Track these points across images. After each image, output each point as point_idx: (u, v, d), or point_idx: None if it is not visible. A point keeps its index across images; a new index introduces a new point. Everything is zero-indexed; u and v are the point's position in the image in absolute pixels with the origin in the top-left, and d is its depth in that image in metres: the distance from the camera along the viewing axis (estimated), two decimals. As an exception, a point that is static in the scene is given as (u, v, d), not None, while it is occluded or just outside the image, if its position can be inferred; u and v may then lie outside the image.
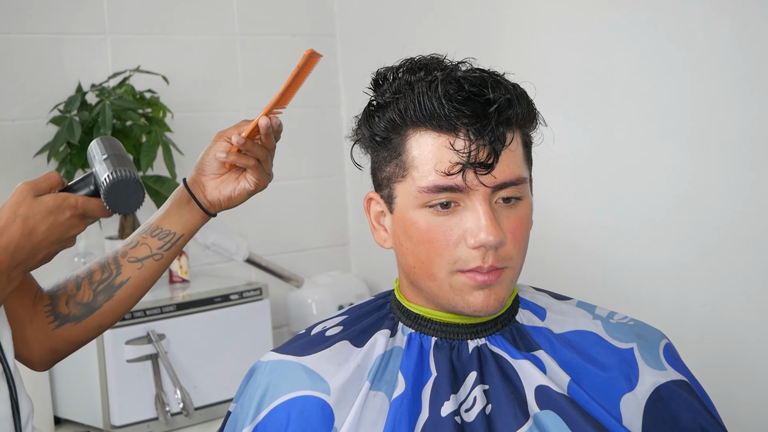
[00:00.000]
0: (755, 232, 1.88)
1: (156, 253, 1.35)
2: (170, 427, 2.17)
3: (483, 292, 1.14)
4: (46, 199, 1.17)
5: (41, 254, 1.17)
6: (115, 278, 1.34)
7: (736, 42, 1.87)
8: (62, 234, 1.17)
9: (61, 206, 1.17)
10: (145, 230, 1.36)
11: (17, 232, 1.15)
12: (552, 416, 1.14)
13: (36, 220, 1.15)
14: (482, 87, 1.12)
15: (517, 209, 1.15)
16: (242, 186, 1.35)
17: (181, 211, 1.36)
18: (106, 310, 1.34)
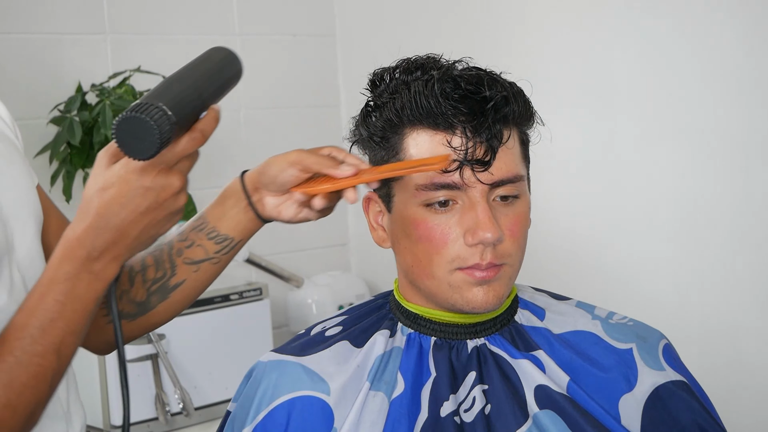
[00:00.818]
0: (756, 233, 1.88)
1: (213, 257, 1.23)
2: (170, 427, 2.17)
3: (482, 289, 1.14)
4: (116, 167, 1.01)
5: (134, 233, 1.01)
6: (169, 279, 1.24)
7: (737, 42, 1.87)
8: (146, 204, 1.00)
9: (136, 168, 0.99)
10: (201, 229, 1.23)
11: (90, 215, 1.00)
12: (551, 416, 1.14)
13: (110, 193, 1.00)
14: (479, 85, 1.13)
15: (514, 207, 1.16)
16: (304, 215, 1.22)
17: (239, 215, 1.22)
18: (160, 311, 1.25)
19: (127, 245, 1.01)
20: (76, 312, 1.00)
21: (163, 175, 1.00)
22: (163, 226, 1.03)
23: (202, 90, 1.04)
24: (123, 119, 0.95)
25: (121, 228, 1.00)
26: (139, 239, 1.02)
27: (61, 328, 1.00)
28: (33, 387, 0.99)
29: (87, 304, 1.01)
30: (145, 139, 0.95)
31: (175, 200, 1.02)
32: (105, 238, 0.99)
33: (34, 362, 0.98)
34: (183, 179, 1.02)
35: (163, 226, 1.03)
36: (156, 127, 0.94)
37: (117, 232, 1.00)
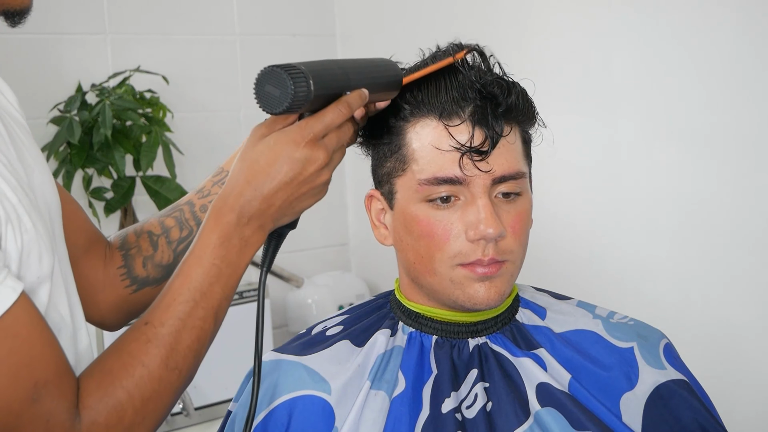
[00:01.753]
0: (756, 232, 1.88)
1: None
2: (170, 427, 2.17)
3: (484, 285, 1.14)
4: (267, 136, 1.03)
5: (278, 202, 1.03)
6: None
7: (737, 42, 1.87)
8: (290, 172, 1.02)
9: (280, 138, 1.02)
10: (224, 180, 1.24)
11: (237, 180, 1.03)
12: (553, 413, 1.14)
13: (260, 164, 1.02)
14: (482, 77, 1.14)
15: (516, 204, 1.16)
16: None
17: None
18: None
19: (272, 214, 1.03)
20: (230, 276, 1.03)
21: (310, 147, 1.02)
22: (305, 201, 1.05)
23: (351, 74, 1.07)
24: (265, 71, 0.99)
25: (268, 197, 1.02)
26: (282, 210, 1.04)
27: (219, 292, 1.03)
28: (195, 350, 1.02)
29: (238, 269, 1.04)
30: (278, 94, 0.98)
31: (318, 175, 1.03)
32: (253, 206, 1.02)
33: (197, 325, 1.02)
34: (328, 154, 1.03)
35: (305, 201, 1.05)
36: (291, 84, 0.98)
37: (264, 200, 1.02)
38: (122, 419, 0.97)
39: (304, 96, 0.99)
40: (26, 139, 1.11)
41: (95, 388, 0.97)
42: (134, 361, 0.99)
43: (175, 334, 1.01)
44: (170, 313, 1.01)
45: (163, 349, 1.00)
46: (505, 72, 1.18)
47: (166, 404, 1.02)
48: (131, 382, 0.98)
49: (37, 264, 0.99)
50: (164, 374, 1.00)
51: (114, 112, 2.18)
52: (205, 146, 2.57)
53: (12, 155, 1.03)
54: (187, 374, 1.03)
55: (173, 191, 2.26)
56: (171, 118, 2.38)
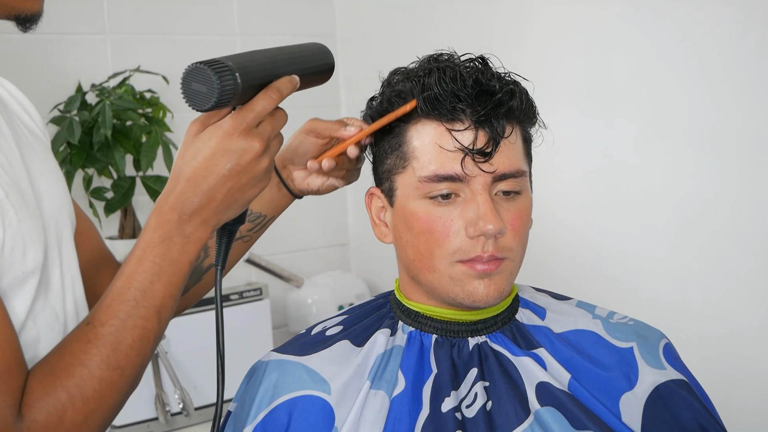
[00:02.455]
0: (756, 232, 1.88)
1: (245, 235, 1.30)
2: (170, 427, 2.17)
3: (483, 282, 1.15)
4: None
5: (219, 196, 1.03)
6: (203, 261, 1.29)
7: (737, 41, 1.87)
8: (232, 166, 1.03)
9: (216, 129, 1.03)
10: None
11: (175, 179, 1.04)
12: (553, 412, 1.14)
13: (198, 160, 1.03)
14: (484, 78, 1.14)
15: (516, 202, 1.16)
16: (330, 183, 1.30)
17: (271, 194, 1.29)
18: (194, 292, 1.30)
19: (214, 209, 1.04)
20: (173, 274, 1.03)
21: (244, 137, 1.02)
22: (247, 191, 1.05)
23: (279, 63, 1.07)
24: (190, 69, 0.99)
25: (208, 192, 1.03)
26: (225, 203, 1.04)
27: (161, 290, 1.03)
28: (138, 349, 1.02)
29: (182, 266, 1.04)
30: (205, 90, 0.98)
31: (257, 163, 1.04)
32: (194, 202, 1.03)
33: (139, 324, 1.02)
34: (264, 142, 1.04)
35: (247, 191, 1.05)
36: (216, 79, 0.98)
37: (205, 195, 1.03)
38: (62, 419, 0.97)
39: (230, 90, 0.99)
40: (39, 147, 1.14)
41: (37, 387, 0.98)
42: (75, 360, 0.99)
43: (116, 333, 1.01)
44: (111, 313, 1.02)
45: (103, 349, 1.00)
46: (507, 72, 1.18)
47: (110, 405, 1.01)
48: (72, 382, 0.98)
49: (21, 259, 1.01)
50: (105, 374, 1.00)
51: (114, 112, 2.18)
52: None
53: (14, 156, 1.06)
54: (131, 373, 1.02)
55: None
56: (171, 118, 2.38)
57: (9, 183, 1.02)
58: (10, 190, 1.01)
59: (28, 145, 1.13)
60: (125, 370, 1.01)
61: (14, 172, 1.04)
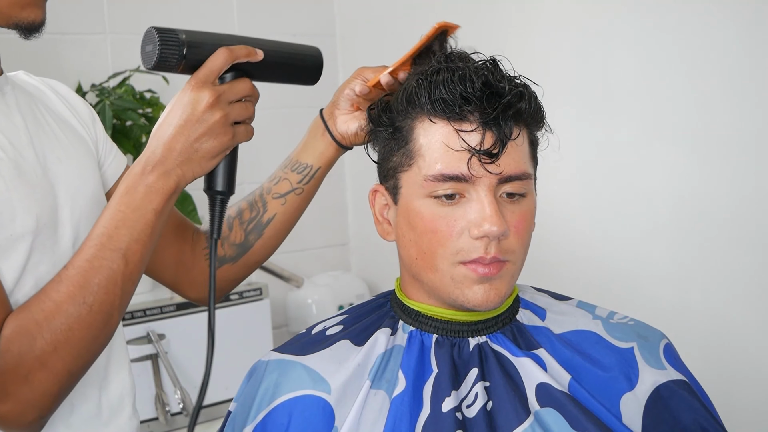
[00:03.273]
0: (756, 233, 1.88)
1: (297, 187, 1.39)
2: (170, 427, 2.17)
3: (483, 287, 1.14)
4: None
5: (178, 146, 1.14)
6: (262, 216, 1.40)
7: (737, 41, 1.87)
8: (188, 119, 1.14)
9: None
10: (286, 165, 1.40)
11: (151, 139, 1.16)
12: (553, 413, 1.14)
13: (161, 118, 1.16)
14: (494, 79, 1.14)
15: (521, 205, 1.16)
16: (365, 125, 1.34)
17: (317, 143, 1.38)
18: (258, 248, 1.41)
19: (174, 159, 1.14)
20: (137, 221, 1.13)
21: (195, 89, 1.13)
22: (205, 142, 1.14)
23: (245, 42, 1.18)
24: (145, 33, 1.12)
25: (167, 143, 1.13)
26: (184, 154, 1.14)
27: (126, 235, 1.12)
28: (105, 287, 1.11)
29: (145, 213, 1.13)
30: (151, 49, 1.12)
31: (210, 114, 1.13)
32: (156, 154, 1.13)
33: (105, 265, 1.12)
34: (214, 94, 1.13)
35: (205, 142, 1.14)
36: (159, 40, 1.11)
37: (164, 147, 1.13)
38: (32, 347, 1.08)
39: (174, 57, 1.12)
40: (65, 135, 1.27)
41: (12, 322, 1.09)
42: (45, 297, 1.10)
43: (83, 273, 1.11)
44: (79, 256, 1.12)
45: (71, 287, 1.10)
46: (518, 75, 1.18)
47: (80, 338, 1.10)
48: (41, 315, 1.09)
49: (9, 222, 1.11)
50: (72, 308, 1.10)
51: (114, 112, 2.18)
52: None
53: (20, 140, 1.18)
54: (100, 309, 1.11)
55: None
56: (171, 118, 2.38)
57: (2, 158, 1.13)
58: (2, 164, 1.12)
59: (50, 134, 1.24)
60: (93, 306, 1.11)
61: (15, 152, 1.15)
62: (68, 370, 1.11)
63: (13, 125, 1.19)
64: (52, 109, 1.31)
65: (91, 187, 1.28)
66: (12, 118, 1.20)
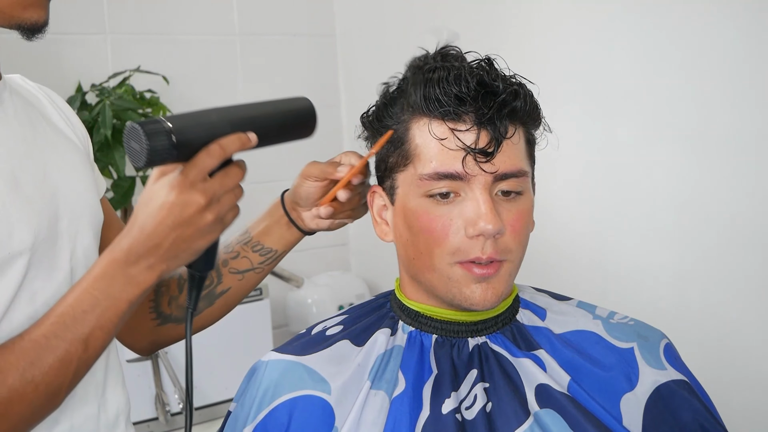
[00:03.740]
0: (756, 233, 1.88)
1: (257, 267, 1.38)
2: (170, 427, 2.17)
3: (481, 286, 1.14)
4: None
5: (165, 245, 1.07)
6: (216, 287, 1.37)
7: (737, 41, 1.87)
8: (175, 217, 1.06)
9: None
10: (247, 242, 1.36)
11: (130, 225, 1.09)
12: (552, 415, 1.14)
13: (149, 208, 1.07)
14: (489, 78, 1.14)
15: (517, 203, 1.16)
16: (339, 221, 1.34)
17: (281, 231, 1.35)
18: (205, 316, 1.38)
19: (161, 256, 1.07)
20: (108, 309, 1.07)
21: (186, 191, 1.05)
22: (194, 242, 1.08)
23: (234, 119, 1.08)
24: (128, 128, 1.02)
25: (155, 240, 1.06)
26: (171, 252, 1.07)
27: (92, 321, 1.07)
28: (57, 369, 1.05)
29: (120, 303, 1.08)
30: (139, 148, 1.01)
31: (200, 217, 1.06)
32: (141, 247, 1.07)
33: (62, 347, 1.06)
34: (206, 197, 1.06)
35: (194, 242, 1.08)
36: (146, 139, 1.00)
37: (151, 243, 1.06)
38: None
39: (163, 150, 1.02)
40: (64, 147, 1.24)
41: None
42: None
43: (37, 349, 1.05)
44: (37, 330, 1.06)
45: (22, 361, 1.04)
46: (513, 74, 1.18)
47: (18, 414, 1.05)
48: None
49: (6, 239, 1.08)
50: (18, 384, 1.04)
51: (114, 112, 2.18)
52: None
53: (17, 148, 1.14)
54: (46, 390, 1.05)
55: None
56: (171, 118, 2.38)
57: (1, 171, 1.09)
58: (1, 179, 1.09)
59: (50, 142, 1.21)
60: (39, 386, 1.05)
61: (11, 163, 1.11)
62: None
63: (12, 134, 1.16)
64: (48, 117, 1.28)
65: (89, 196, 1.25)
66: (11, 126, 1.17)
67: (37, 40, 1.16)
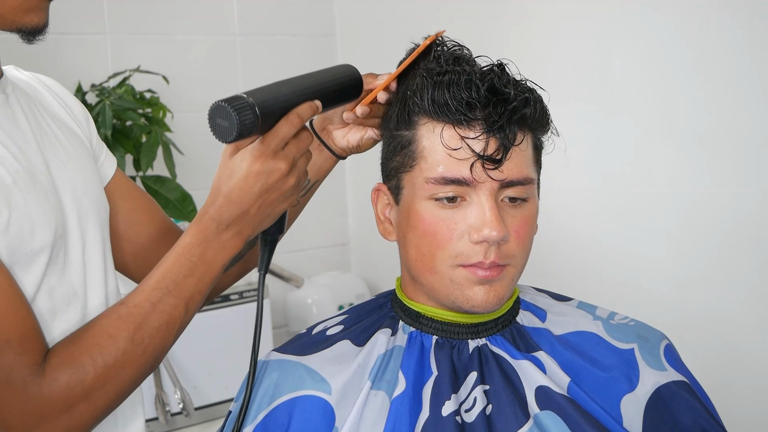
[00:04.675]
0: (756, 233, 1.88)
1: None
2: (170, 427, 2.17)
3: (483, 288, 1.14)
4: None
5: (253, 210, 1.15)
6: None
7: (738, 41, 1.87)
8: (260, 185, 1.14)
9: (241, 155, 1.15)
10: None
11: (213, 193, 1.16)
12: (552, 417, 1.14)
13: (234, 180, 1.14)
14: (500, 84, 1.14)
15: (522, 209, 1.16)
16: (369, 135, 1.34)
17: (313, 158, 1.35)
18: (246, 260, 1.41)
19: (248, 221, 1.16)
20: (205, 273, 1.16)
21: (270, 159, 1.13)
22: (278, 206, 1.17)
23: (300, 90, 1.16)
24: (213, 107, 1.09)
25: (242, 207, 1.14)
26: (258, 217, 1.16)
27: (192, 285, 1.15)
28: (162, 332, 1.14)
29: (214, 268, 1.16)
30: (227, 125, 1.08)
31: (284, 182, 1.15)
32: (230, 214, 1.14)
33: (167, 310, 1.14)
34: (289, 162, 1.14)
35: (278, 206, 1.17)
36: (235, 115, 1.07)
37: (239, 210, 1.14)
38: (83, 381, 1.08)
39: (250, 123, 1.09)
40: (67, 139, 1.26)
41: (63, 351, 1.09)
42: (102, 332, 1.11)
43: (144, 314, 1.12)
44: (143, 297, 1.14)
45: (131, 325, 1.11)
46: (523, 79, 1.18)
47: (129, 376, 1.12)
48: (96, 349, 1.10)
49: (29, 238, 1.11)
50: (129, 347, 1.11)
51: (114, 112, 2.18)
52: (205, 146, 2.56)
53: (30, 148, 1.17)
54: (152, 352, 1.13)
55: (173, 191, 2.26)
56: (171, 118, 2.38)
57: (18, 170, 1.12)
58: (18, 176, 1.11)
59: (51, 136, 1.23)
60: (147, 348, 1.12)
61: (27, 161, 1.14)
62: (109, 405, 1.12)
63: (21, 131, 1.18)
64: (49, 108, 1.29)
65: (93, 190, 1.27)
66: (19, 123, 1.18)
67: (37, 43, 1.17)
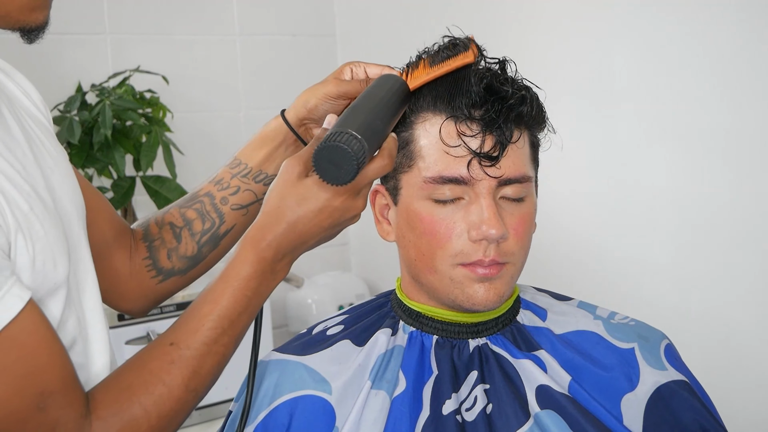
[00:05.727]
0: (756, 233, 1.88)
1: (262, 197, 1.28)
2: (170, 427, 2.16)
3: (483, 286, 1.14)
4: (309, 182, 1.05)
5: (311, 242, 1.08)
6: (219, 228, 1.29)
7: (738, 42, 1.87)
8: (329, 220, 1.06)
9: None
10: (246, 174, 1.28)
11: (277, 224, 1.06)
12: (553, 416, 1.14)
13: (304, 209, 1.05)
14: (497, 82, 1.14)
15: (520, 207, 1.16)
16: None
17: (287, 154, 1.27)
18: (211, 259, 1.31)
19: (302, 250, 1.08)
20: (256, 307, 1.08)
21: (352, 198, 1.06)
22: (330, 238, 1.10)
23: (382, 116, 1.08)
24: (322, 148, 1.00)
25: (304, 238, 1.06)
26: (312, 246, 1.09)
27: (245, 322, 1.07)
28: (213, 374, 1.06)
29: (262, 299, 1.08)
30: (342, 166, 0.99)
31: (352, 220, 1.08)
32: (290, 244, 1.06)
33: (221, 351, 1.05)
34: (365, 202, 1.08)
35: (330, 238, 1.10)
36: (353, 155, 0.99)
37: (300, 240, 1.06)
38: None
39: (363, 155, 1.01)
40: (46, 138, 1.14)
41: (112, 402, 0.99)
42: (155, 379, 1.01)
43: (199, 358, 1.04)
44: (197, 338, 1.04)
45: (186, 371, 1.03)
46: (521, 78, 1.18)
47: (179, 423, 1.05)
48: (150, 400, 1.00)
49: (52, 271, 1.00)
50: (183, 395, 1.02)
51: (114, 112, 2.18)
52: (205, 146, 2.57)
53: (29, 160, 1.05)
54: (203, 395, 1.06)
55: (173, 191, 2.26)
56: (171, 118, 2.38)
57: (29, 192, 1.01)
58: (31, 200, 1.00)
59: (37, 140, 1.12)
60: (199, 393, 1.05)
61: (31, 179, 1.03)
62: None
63: (19, 146, 1.06)
64: (25, 107, 1.16)
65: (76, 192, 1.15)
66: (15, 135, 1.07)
67: (37, 42, 1.13)
